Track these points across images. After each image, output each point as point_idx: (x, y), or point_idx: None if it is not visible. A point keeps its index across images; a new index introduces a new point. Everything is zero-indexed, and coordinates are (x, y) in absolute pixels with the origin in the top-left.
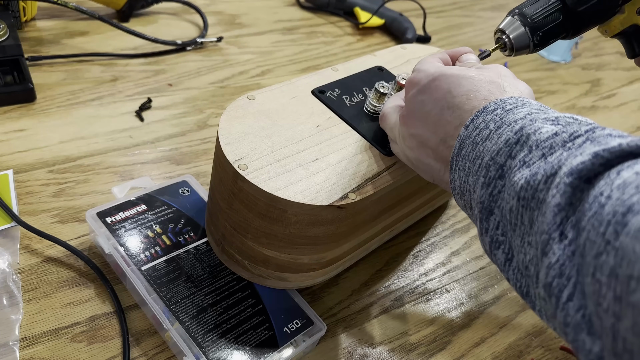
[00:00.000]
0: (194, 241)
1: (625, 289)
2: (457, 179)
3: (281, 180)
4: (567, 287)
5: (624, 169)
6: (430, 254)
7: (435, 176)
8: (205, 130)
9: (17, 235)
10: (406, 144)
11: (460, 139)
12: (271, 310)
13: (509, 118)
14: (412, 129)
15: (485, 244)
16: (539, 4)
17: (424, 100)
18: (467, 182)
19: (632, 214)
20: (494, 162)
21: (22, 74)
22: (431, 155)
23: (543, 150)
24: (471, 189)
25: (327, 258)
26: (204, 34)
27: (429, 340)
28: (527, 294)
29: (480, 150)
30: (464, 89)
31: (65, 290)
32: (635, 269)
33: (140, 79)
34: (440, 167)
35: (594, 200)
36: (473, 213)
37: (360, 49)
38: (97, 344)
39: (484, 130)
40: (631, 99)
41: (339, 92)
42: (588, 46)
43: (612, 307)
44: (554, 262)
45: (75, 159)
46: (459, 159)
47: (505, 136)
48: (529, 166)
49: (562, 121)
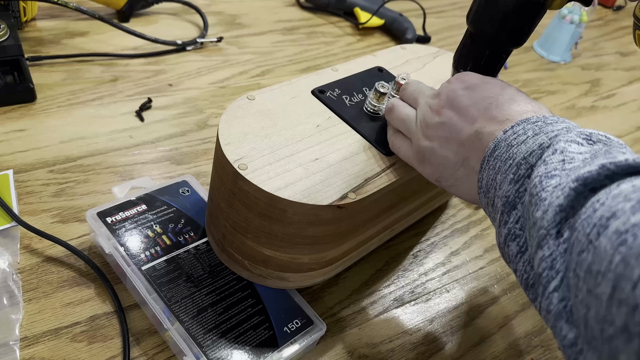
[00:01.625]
0: (194, 241)
1: (594, 282)
2: (485, 177)
3: (281, 180)
4: (554, 279)
5: (624, 182)
6: (430, 253)
7: (445, 172)
8: (205, 130)
9: (18, 235)
10: (428, 132)
11: (496, 141)
12: (271, 310)
13: (548, 129)
14: (445, 118)
15: (500, 236)
16: None
17: (470, 94)
18: (494, 180)
19: (614, 219)
20: (526, 162)
21: (23, 74)
22: (454, 149)
23: (564, 156)
24: (497, 186)
25: (327, 258)
26: (204, 34)
27: (429, 340)
28: (532, 285)
29: (513, 152)
30: (513, 92)
31: (65, 290)
32: (603, 265)
33: (141, 79)
34: (458, 161)
35: (590, 205)
36: (494, 208)
37: (360, 49)
38: (98, 344)
39: (522, 136)
40: (631, 99)
41: (339, 92)
42: (588, 46)
43: (585, 298)
44: (547, 256)
45: (75, 159)
46: (491, 158)
47: (540, 140)
48: (547, 164)
49: (594, 137)
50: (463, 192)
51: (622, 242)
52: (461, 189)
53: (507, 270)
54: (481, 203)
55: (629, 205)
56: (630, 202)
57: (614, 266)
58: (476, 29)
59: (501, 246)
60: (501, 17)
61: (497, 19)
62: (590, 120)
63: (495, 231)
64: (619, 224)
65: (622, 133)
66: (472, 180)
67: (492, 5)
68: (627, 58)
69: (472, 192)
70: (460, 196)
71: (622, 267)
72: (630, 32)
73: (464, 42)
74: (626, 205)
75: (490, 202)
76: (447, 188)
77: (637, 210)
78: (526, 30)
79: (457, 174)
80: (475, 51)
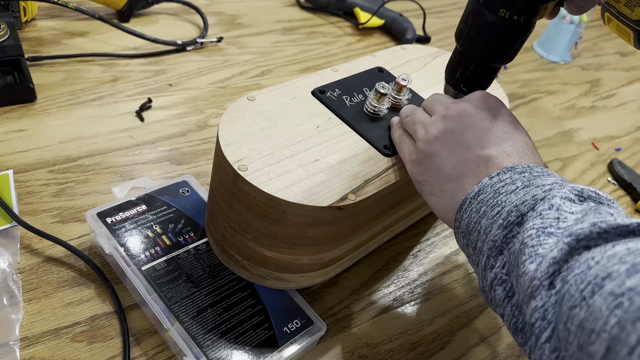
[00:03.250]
0: (194, 241)
1: (587, 339)
2: (465, 218)
3: (281, 181)
4: (546, 330)
5: (619, 244)
6: (430, 253)
7: (433, 178)
8: (206, 130)
9: (18, 235)
10: (436, 134)
11: (481, 185)
12: (271, 310)
13: (537, 182)
14: (457, 126)
15: (486, 280)
16: None
17: (487, 118)
18: (478, 224)
19: (609, 280)
20: (517, 210)
21: (23, 74)
22: (454, 161)
23: (559, 214)
24: (482, 230)
25: (327, 258)
26: (204, 34)
27: (429, 340)
28: (522, 329)
29: (502, 200)
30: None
31: (65, 290)
32: (598, 324)
33: (141, 79)
34: (453, 174)
35: (584, 261)
36: (477, 251)
37: (360, 50)
38: (98, 344)
39: (510, 185)
40: (630, 99)
41: (339, 92)
42: (587, 46)
43: (576, 353)
44: (540, 306)
45: (75, 159)
46: (474, 201)
47: (532, 193)
48: (542, 218)
49: (585, 194)
50: (441, 206)
51: (618, 305)
52: (442, 202)
53: None
54: (458, 242)
55: (624, 268)
56: (625, 264)
57: (610, 327)
58: (463, 47)
59: (486, 290)
60: (486, 38)
61: (482, 39)
62: (590, 120)
63: (477, 275)
64: (614, 286)
65: (622, 133)
66: (456, 199)
67: (476, 26)
68: (626, 58)
69: (448, 210)
70: (435, 209)
71: (617, 330)
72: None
73: (453, 58)
74: (621, 267)
75: (471, 244)
76: (426, 195)
77: (632, 274)
78: (511, 50)
79: (445, 186)
80: (463, 66)
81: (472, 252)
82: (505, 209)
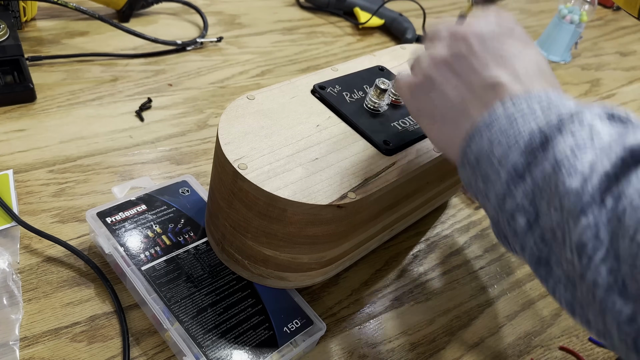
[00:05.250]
0: (194, 241)
1: None
2: (474, 149)
3: (281, 180)
4: (600, 249)
5: None
6: (430, 253)
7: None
8: (205, 130)
9: (17, 235)
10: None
11: (493, 112)
12: (271, 310)
13: (558, 103)
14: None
15: (504, 211)
16: None
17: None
18: (491, 153)
19: None
20: (540, 133)
21: (22, 74)
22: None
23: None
24: (497, 159)
25: (327, 257)
26: (204, 34)
27: (429, 340)
28: (546, 261)
29: (520, 125)
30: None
31: (65, 290)
32: None
33: (140, 79)
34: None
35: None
36: (487, 184)
37: (360, 49)
38: (97, 344)
39: (526, 109)
40: (631, 99)
41: (340, 89)
42: (587, 46)
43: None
44: (592, 224)
45: (75, 158)
46: (485, 129)
47: (557, 112)
48: (574, 136)
49: (616, 114)
50: (442, 136)
51: None
52: (444, 132)
53: (507, 270)
54: (463, 176)
55: None
56: None
57: None
58: None
59: (503, 222)
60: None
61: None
62: None
63: (487, 211)
64: None
65: None
66: (462, 129)
67: None
68: (626, 58)
69: (451, 141)
70: (436, 140)
71: None
72: (630, 32)
73: None
74: None
75: (482, 176)
76: (425, 126)
77: None
78: None
79: (449, 114)
80: None
81: (481, 186)
82: (526, 133)
